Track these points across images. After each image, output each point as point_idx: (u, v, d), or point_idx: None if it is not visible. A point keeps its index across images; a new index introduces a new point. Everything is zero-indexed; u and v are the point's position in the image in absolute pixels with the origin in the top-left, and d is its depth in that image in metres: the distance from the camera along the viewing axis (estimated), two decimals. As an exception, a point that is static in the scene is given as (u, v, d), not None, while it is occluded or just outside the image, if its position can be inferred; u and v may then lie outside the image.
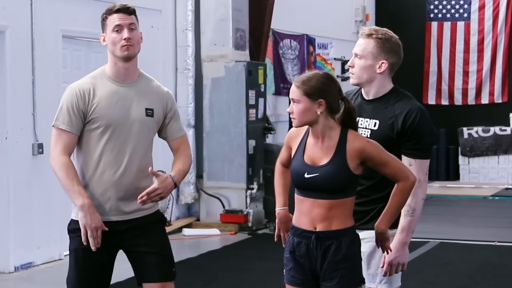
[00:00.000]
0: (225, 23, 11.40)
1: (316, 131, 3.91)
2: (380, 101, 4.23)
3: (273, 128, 12.00)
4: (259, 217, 11.32)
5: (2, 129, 8.35)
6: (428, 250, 9.62)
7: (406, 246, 4.14)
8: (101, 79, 4.36)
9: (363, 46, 4.22)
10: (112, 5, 4.40)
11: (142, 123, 4.33)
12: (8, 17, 8.33)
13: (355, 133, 3.90)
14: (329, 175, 3.84)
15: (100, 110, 4.29)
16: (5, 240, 8.36)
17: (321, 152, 3.90)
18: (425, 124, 4.16)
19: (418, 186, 4.10)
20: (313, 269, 3.93)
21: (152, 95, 4.39)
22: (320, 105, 3.85)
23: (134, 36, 4.32)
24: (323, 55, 15.54)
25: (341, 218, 3.87)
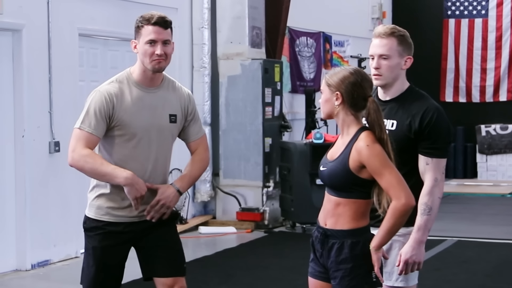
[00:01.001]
0: (241, 21, 11.39)
1: (339, 126, 3.95)
2: (397, 101, 4.23)
3: (289, 126, 11.98)
4: (275, 215, 11.30)
5: (19, 127, 8.37)
6: (446, 248, 9.57)
7: (422, 245, 4.13)
8: (127, 84, 4.36)
9: (388, 46, 4.20)
10: (150, 15, 4.33)
11: (166, 130, 4.36)
12: (25, 16, 8.36)
13: (367, 133, 3.84)
14: (331, 172, 3.88)
15: (126, 117, 4.29)
16: (22, 238, 8.39)
17: (338, 147, 3.93)
18: (442, 123, 4.16)
19: (435, 185, 4.10)
20: (325, 264, 3.96)
21: (175, 100, 4.41)
22: (337, 97, 3.87)
23: (167, 51, 4.32)
24: (340, 53, 15.50)
25: (346, 218, 3.87)
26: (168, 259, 4.37)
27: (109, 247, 4.34)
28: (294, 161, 10.79)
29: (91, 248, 4.41)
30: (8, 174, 8.35)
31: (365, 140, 3.81)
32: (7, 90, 8.35)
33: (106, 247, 4.34)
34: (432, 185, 4.10)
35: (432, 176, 4.10)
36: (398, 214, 3.77)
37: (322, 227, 3.95)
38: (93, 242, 4.39)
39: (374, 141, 3.81)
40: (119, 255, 4.39)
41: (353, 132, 3.88)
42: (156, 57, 4.27)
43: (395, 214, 3.77)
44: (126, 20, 9.32)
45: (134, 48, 4.37)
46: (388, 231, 3.81)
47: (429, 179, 4.12)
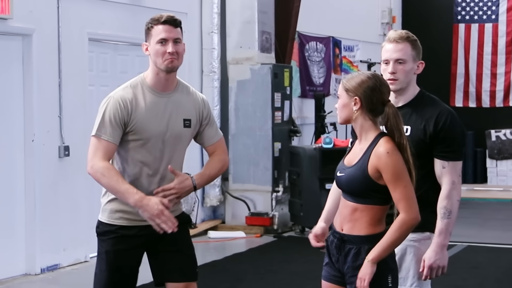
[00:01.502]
0: (251, 25, 11.39)
1: (356, 131, 3.94)
2: (409, 106, 4.23)
3: (298, 131, 11.97)
4: (284, 220, 11.29)
5: (29, 132, 8.39)
6: (456, 253, 9.54)
7: (445, 249, 4.14)
8: (141, 89, 4.34)
9: (403, 51, 4.22)
10: (159, 15, 4.33)
11: (180, 134, 4.36)
12: (35, 20, 8.38)
13: (387, 139, 3.83)
14: (349, 178, 3.87)
15: (141, 122, 4.29)
16: (31, 242, 8.40)
17: (356, 153, 3.92)
18: (456, 126, 4.18)
19: (453, 188, 4.11)
20: (341, 269, 3.95)
21: (189, 105, 4.40)
22: (355, 102, 3.85)
23: (179, 49, 4.31)
24: (349, 58, 15.49)
25: (363, 224, 3.86)
26: (180, 264, 4.37)
27: (122, 251, 4.33)
28: (303, 165, 10.78)
29: (104, 252, 4.39)
30: (18, 179, 8.37)
31: (386, 147, 3.79)
32: (17, 94, 8.37)
33: (120, 251, 4.34)
34: (450, 188, 4.10)
35: (450, 179, 4.11)
36: (405, 227, 3.76)
37: (338, 232, 3.94)
38: (106, 246, 4.38)
39: (394, 148, 3.80)
40: (132, 260, 4.38)
41: (372, 138, 3.87)
42: (169, 56, 4.26)
43: (401, 228, 3.76)
44: (136, 24, 9.34)
45: (146, 51, 4.37)
46: (391, 244, 3.79)
47: (446, 182, 4.12)
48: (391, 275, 3.87)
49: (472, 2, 17.15)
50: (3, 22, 8.04)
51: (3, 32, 8.16)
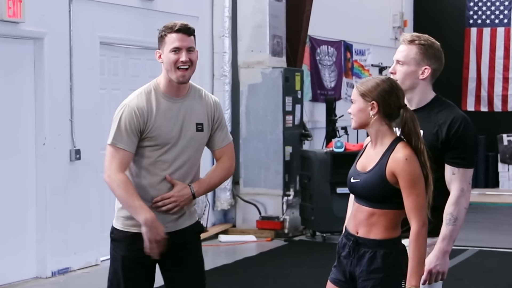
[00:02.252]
0: (262, 29, 11.39)
1: (371, 136, 3.93)
2: (423, 110, 4.20)
3: (310, 135, 11.96)
4: (295, 224, 11.28)
5: (40, 135, 8.41)
6: (467, 258, 9.51)
7: (446, 255, 4.11)
8: (155, 95, 4.33)
9: (405, 53, 4.21)
10: (173, 23, 4.31)
11: (194, 139, 4.34)
12: (46, 24, 8.40)
13: (404, 145, 3.83)
14: (366, 183, 3.86)
15: (156, 129, 4.28)
16: (42, 245, 8.41)
17: (371, 158, 3.91)
18: (469, 132, 4.14)
19: (461, 195, 4.08)
20: (352, 272, 3.94)
21: (202, 108, 4.38)
22: (373, 107, 3.85)
23: (192, 58, 4.30)
24: (361, 62, 15.47)
25: (380, 228, 3.85)
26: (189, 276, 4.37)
27: (136, 258, 4.32)
28: (314, 169, 10.77)
29: (120, 258, 4.37)
30: (29, 182, 8.39)
31: (404, 152, 3.80)
32: (29, 98, 8.39)
33: (133, 257, 4.33)
34: (458, 195, 4.08)
35: (459, 186, 4.08)
36: (421, 238, 3.78)
37: (353, 235, 3.93)
38: (123, 252, 4.37)
39: (412, 155, 3.81)
40: (146, 267, 4.37)
41: (388, 143, 3.86)
42: (181, 64, 4.25)
43: (418, 240, 3.78)
44: (147, 28, 9.35)
45: (159, 58, 4.35)
46: (419, 261, 3.80)
47: (455, 189, 4.09)
48: (404, 280, 3.85)
49: (484, 6, 17.10)
50: (15, 26, 8.06)
51: (15, 36, 8.19)
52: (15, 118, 8.28)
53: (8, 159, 8.19)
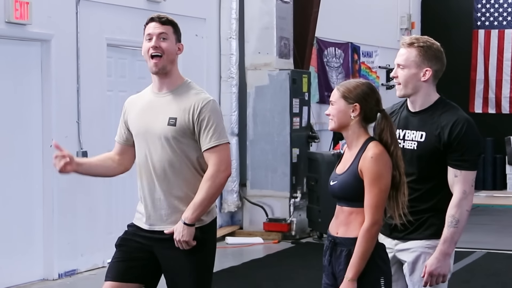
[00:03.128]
0: (269, 31, 11.39)
1: (347, 138, 3.98)
2: (426, 112, 4.20)
3: (317, 137, 11.95)
4: (302, 226, 11.26)
5: (47, 137, 8.41)
6: (475, 260, 9.49)
7: (448, 258, 4.10)
8: (147, 91, 4.49)
9: (405, 56, 4.20)
10: (152, 15, 4.45)
11: (163, 132, 4.30)
12: (53, 26, 8.41)
13: (375, 144, 3.89)
14: (342, 184, 3.92)
15: (130, 121, 4.45)
16: (49, 247, 8.42)
17: (347, 160, 3.97)
18: (471, 135, 4.12)
19: (463, 197, 4.07)
20: (334, 273, 3.98)
21: (181, 104, 4.33)
22: (355, 109, 3.90)
23: (164, 46, 4.32)
24: (368, 63, 15.45)
25: (356, 225, 3.88)
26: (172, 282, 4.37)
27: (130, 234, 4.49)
28: (321, 171, 10.75)
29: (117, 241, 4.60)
30: (36, 184, 8.39)
31: (372, 151, 3.85)
32: (36, 100, 8.40)
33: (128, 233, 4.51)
34: (460, 197, 4.06)
35: (461, 188, 4.07)
36: (369, 235, 3.80)
37: (332, 236, 3.98)
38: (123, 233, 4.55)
39: (380, 153, 3.85)
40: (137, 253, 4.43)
41: (362, 142, 3.92)
42: (152, 51, 4.30)
43: (365, 236, 3.80)
44: (154, 30, 9.34)
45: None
46: (362, 256, 3.82)
47: (457, 191, 4.08)
48: (383, 277, 3.88)
49: (492, 8, 17.07)
50: (22, 28, 8.07)
51: (22, 38, 8.20)
52: (22, 120, 8.28)
53: (15, 161, 8.19)
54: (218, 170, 4.27)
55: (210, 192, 4.26)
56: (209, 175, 4.27)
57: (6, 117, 8.11)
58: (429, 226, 4.15)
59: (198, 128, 4.30)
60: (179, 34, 4.42)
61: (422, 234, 4.15)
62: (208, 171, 4.28)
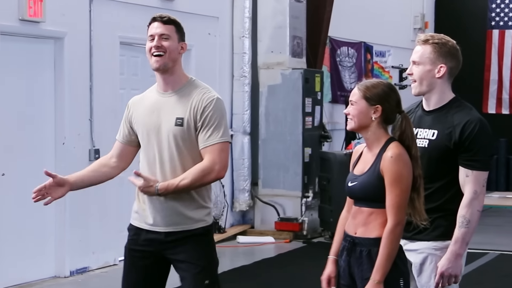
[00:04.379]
0: (282, 30, 11.37)
1: (367, 139, 3.96)
2: (440, 111, 4.20)
3: (329, 136, 11.93)
4: (314, 226, 11.24)
5: (60, 135, 8.43)
6: (487, 261, 9.45)
7: (459, 258, 4.08)
8: (151, 91, 4.48)
9: (420, 53, 4.21)
10: (154, 15, 4.44)
11: (171, 133, 4.28)
12: (67, 23, 8.42)
13: (396, 144, 3.87)
14: (363, 184, 3.90)
15: (136, 121, 4.42)
16: (61, 245, 8.43)
17: (368, 161, 3.94)
18: (484, 135, 4.11)
19: (474, 197, 4.05)
20: (352, 274, 3.95)
21: (187, 103, 4.31)
22: (376, 110, 3.88)
23: (165, 45, 4.32)
24: (381, 63, 15.41)
25: (376, 226, 3.86)
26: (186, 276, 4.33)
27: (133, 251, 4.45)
28: (333, 171, 10.73)
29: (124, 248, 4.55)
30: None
31: (392, 151, 3.83)
32: (49, 97, 8.41)
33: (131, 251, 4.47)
34: (471, 197, 4.05)
35: (472, 188, 4.06)
36: (392, 236, 3.79)
37: (350, 236, 3.95)
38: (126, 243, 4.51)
39: (400, 154, 3.83)
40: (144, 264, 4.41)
41: (383, 143, 3.90)
42: (154, 51, 4.31)
43: (389, 237, 3.79)
44: (167, 28, 9.34)
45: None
46: (388, 258, 3.80)
47: (468, 191, 4.07)
48: (402, 278, 3.87)
49: (507, 8, 16.99)
50: (36, 26, 8.08)
51: (36, 35, 8.21)
52: (35, 117, 8.30)
53: (27, 159, 8.21)
54: (213, 166, 4.23)
55: (197, 183, 4.23)
56: (203, 167, 4.22)
57: (19, 114, 8.13)
58: (437, 227, 4.13)
59: (198, 127, 4.28)
60: (182, 33, 4.40)
61: (430, 235, 4.13)
62: (203, 163, 4.23)
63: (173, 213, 4.29)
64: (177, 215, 4.29)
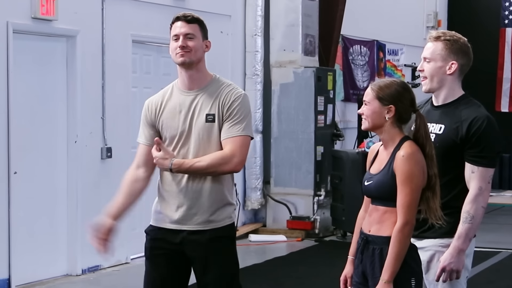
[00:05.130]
0: (295, 28, 11.36)
1: (383, 138, 3.97)
2: (449, 107, 4.22)
3: (341, 135, 11.91)
4: (326, 224, 11.23)
5: (72, 133, 8.44)
6: (500, 260, 9.41)
7: (462, 254, 4.08)
8: (171, 90, 4.42)
9: (431, 49, 4.22)
10: (178, 14, 4.44)
11: (203, 130, 4.28)
12: (79, 22, 8.43)
13: (410, 143, 3.88)
14: (378, 183, 3.92)
15: (164, 122, 4.36)
16: (73, 243, 8.44)
17: (383, 159, 3.95)
18: (491, 132, 4.13)
19: (479, 194, 4.07)
20: (364, 271, 3.96)
21: (216, 100, 4.33)
22: (389, 110, 3.89)
23: (191, 45, 4.31)
24: (393, 61, 15.37)
25: (389, 225, 3.86)
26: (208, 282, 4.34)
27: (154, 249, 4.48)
28: (346, 170, 10.71)
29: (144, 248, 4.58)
30: (60, 179, 8.42)
31: (405, 150, 3.84)
32: (61, 95, 8.42)
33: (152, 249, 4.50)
34: (476, 193, 4.06)
35: (477, 184, 4.07)
36: (401, 235, 3.79)
37: (365, 233, 3.97)
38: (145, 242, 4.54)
39: (413, 153, 3.84)
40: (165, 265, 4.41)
41: (397, 142, 3.91)
42: (179, 51, 4.30)
43: (398, 236, 3.79)
44: (179, 27, 9.34)
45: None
46: (397, 257, 3.80)
47: (473, 187, 4.08)
48: (414, 278, 3.87)
49: (520, 6, 16.91)
50: (48, 24, 8.10)
51: (48, 34, 8.22)
52: (47, 115, 8.31)
53: (39, 157, 8.23)
54: (232, 156, 4.23)
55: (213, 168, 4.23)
56: (224, 155, 4.22)
57: (32, 112, 8.14)
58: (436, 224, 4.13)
59: (226, 118, 4.29)
60: (205, 32, 4.40)
61: (436, 233, 4.13)
62: (223, 151, 4.23)
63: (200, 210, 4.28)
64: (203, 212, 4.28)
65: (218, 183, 4.29)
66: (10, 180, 7.75)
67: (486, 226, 11.47)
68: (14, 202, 7.81)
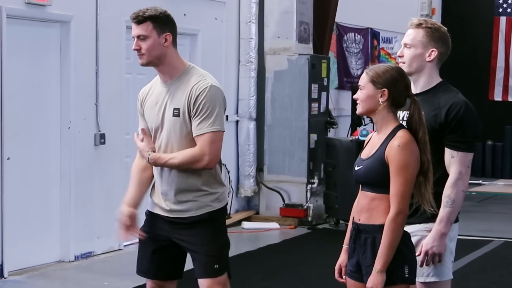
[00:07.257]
0: (289, 15, 11.33)
1: (376, 123, 3.98)
2: (427, 94, 4.26)
3: (335, 123, 11.91)
4: (319, 212, 11.24)
5: (65, 119, 8.42)
6: (492, 249, 9.42)
7: (444, 237, 4.13)
8: (156, 82, 4.50)
9: (412, 36, 4.29)
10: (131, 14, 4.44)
11: (171, 124, 4.34)
12: (73, 7, 8.40)
13: (404, 132, 3.89)
14: (367, 168, 3.93)
15: (146, 112, 4.47)
16: (66, 230, 8.43)
17: (374, 144, 3.97)
18: (469, 117, 4.18)
19: (459, 178, 4.12)
20: (358, 260, 3.98)
21: (183, 93, 4.33)
22: (383, 94, 3.90)
23: (143, 46, 4.33)
24: (388, 49, 15.37)
25: (379, 213, 3.88)
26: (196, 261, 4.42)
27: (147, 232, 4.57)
28: (339, 157, 10.72)
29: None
30: (53, 166, 8.40)
31: (399, 140, 3.85)
32: (55, 81, 8.40)
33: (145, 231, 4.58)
34: (456, 178, 4.11)
35: (457, 169, 4.12)
36: (394, 224, 3.81)
37: (355, 223, 3.98)
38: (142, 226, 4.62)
39: (408, 143, 3.85)
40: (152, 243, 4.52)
41: (391, 129, 3.92)
42: (137, 53, 4.36)
43: (391, 226, 3.80)
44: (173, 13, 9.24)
45: None
46: (390, 246, 3.81)
47: (453, 172, 4.13)
48: (407, 265, 3.88)
49: (514, -6, 16.91)
50: (42, 9, 8.06)
51: (42, 19, 8.19)
52: (40, 101, 8.29)
53: (33, 143, 8.20)
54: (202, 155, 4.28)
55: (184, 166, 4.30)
56: (194, 153, 4.28)
57: (25, 98, 8.12)
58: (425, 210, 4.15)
59: (193, 114, 4.29)
60: (163, 25, 4.37)
61: (420, 218, 4.18)
62: (194, 150, 4.29)
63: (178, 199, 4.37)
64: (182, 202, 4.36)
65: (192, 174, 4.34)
66: (3, 166, 7.74)
67: (479, 215, 11.52)
68: (7, 188, 7.80)
